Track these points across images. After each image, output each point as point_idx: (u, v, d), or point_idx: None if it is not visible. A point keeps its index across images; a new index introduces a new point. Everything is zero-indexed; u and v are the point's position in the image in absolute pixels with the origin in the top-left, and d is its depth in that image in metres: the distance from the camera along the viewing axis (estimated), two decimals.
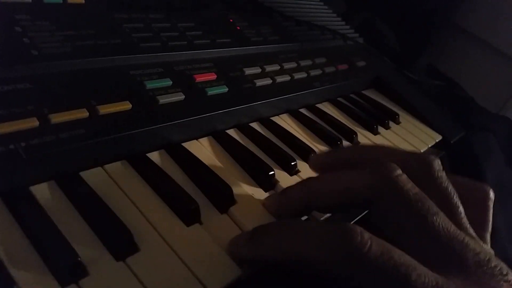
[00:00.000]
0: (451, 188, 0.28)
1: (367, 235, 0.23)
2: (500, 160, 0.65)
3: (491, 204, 0.31)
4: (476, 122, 0.70)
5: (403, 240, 0.25)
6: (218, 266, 0.26)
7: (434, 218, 0.25)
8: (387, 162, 0.27)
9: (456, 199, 0.28)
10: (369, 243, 0.22)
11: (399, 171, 0.27)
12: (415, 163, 0.29)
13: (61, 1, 0.36)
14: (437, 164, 0.29)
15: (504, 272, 0.24)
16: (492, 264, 0.24)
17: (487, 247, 0.28)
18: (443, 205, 0.26)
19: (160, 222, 0.27)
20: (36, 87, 0.28)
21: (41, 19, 0.33)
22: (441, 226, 0.25)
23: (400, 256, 0.23)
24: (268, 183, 0.34)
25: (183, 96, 0.35)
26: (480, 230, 0.29)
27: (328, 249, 0.23)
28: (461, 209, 0.28)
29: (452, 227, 0.25)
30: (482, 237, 0.29)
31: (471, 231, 0.27)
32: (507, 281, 0.24)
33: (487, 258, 0.24)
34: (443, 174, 0.28)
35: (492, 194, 0.31)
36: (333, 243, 0.23)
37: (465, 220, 0.27)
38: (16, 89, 0.28)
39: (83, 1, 0.38)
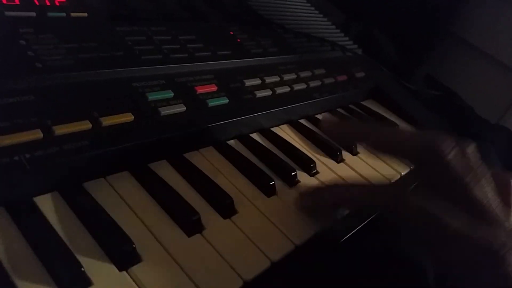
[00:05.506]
0: (483, 168, 0.32)
1: (408, 195, 0.29)
2: (498, 170, 0.65)
3: None
4: (475, 132, 0.71)
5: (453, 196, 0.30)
6: (220, 275, 0.26)
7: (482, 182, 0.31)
8: (445, 136, 0.31)
9: (489, 175, 0.32)
10: (411, 198, 0.29)
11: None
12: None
13: (65, 15, 0.37)
14: (473, 147, 0.33)
15: None
16: None
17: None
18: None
19: (162, 232, 0.27)
20: (40, 99, 0.29)
21: (45, 32, 0.34)
22: (483, 192, 0.30)
23: (437, 203, 0.28)
24: (270, 191, 0.35)
25: (185, 108, 0.35)
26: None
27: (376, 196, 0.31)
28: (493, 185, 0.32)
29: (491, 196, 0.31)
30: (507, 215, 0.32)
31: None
32: None
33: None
34: (476, 156, 0.33)
35: None
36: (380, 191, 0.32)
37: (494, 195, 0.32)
38: (20, 101, 0.28)
39: (86, 15, 0.38)
